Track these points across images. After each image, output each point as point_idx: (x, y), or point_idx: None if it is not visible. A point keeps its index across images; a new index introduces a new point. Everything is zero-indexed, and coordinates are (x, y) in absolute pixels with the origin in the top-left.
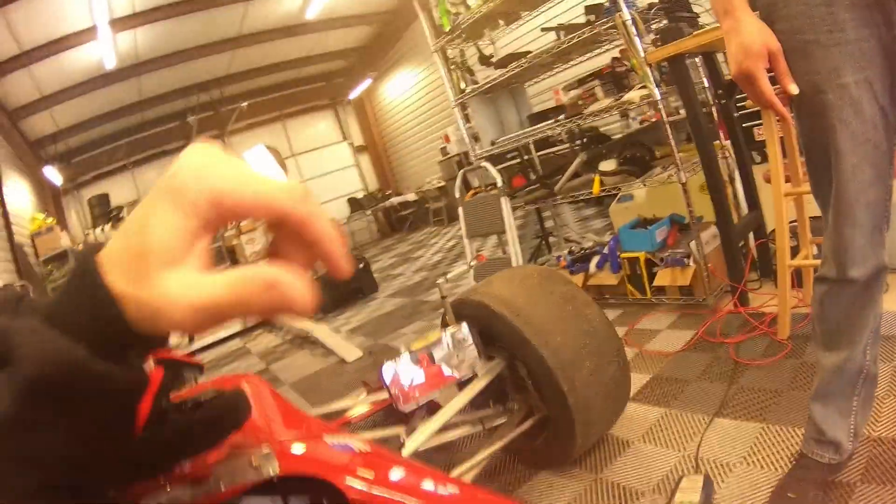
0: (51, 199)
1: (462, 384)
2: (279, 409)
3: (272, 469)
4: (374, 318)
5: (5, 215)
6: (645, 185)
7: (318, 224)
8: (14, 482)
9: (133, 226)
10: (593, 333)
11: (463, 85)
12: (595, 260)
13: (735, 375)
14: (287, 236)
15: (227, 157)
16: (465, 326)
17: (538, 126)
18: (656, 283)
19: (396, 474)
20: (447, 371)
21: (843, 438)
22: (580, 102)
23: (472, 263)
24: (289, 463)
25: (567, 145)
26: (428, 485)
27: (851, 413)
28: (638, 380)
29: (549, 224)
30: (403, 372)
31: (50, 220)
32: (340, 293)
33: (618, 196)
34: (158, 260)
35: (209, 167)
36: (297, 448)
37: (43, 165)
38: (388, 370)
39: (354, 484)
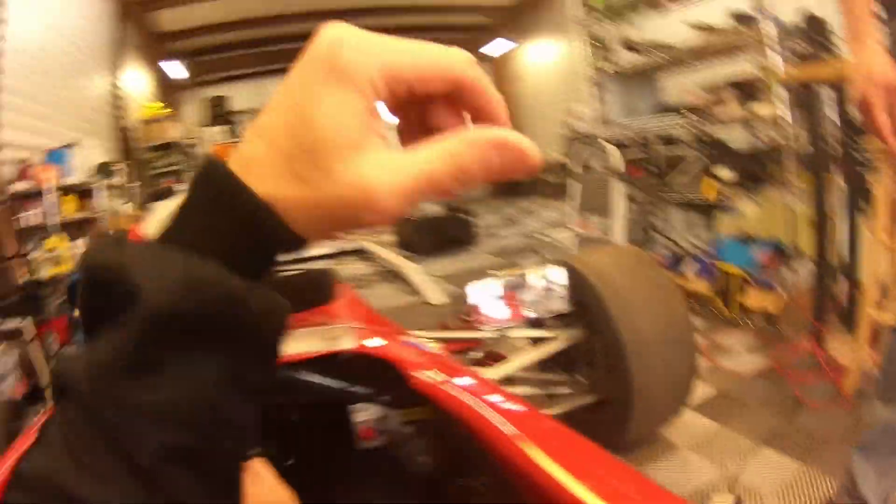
0: (167, 92)
1: (535, 342)
2: (362, 308)
3: (349, 342)
4: (467, 271)
5: (120, 97)
6: (756, 202)
7: (493, 91)
8: (145, 439)
9: (287, 120)
10: (675, 328)
11: (601, 64)
12: (693, 265)
13: (793, 412)
14: (444, 112)
15: (369, 32)
16: (559, 271)
17: (666, 119)
18: (745, 302)
19: (466, 380)
20: (528, 310)
21: (871, 498)
22: (709, 106)
23: (578, 231)
24: (365, 345)
25: (686, 147)
26: (494, 397)
27: (888, 475)
28: (703, 391)
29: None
30: (487, 294)
31: (163, 110)
32: (439, 239)
33: (725, 207)
34: (340, 148)
35: (370, 40)
36: (375, 337)
37: (166, 58)
38: (475, 290)
39: (423, 376)
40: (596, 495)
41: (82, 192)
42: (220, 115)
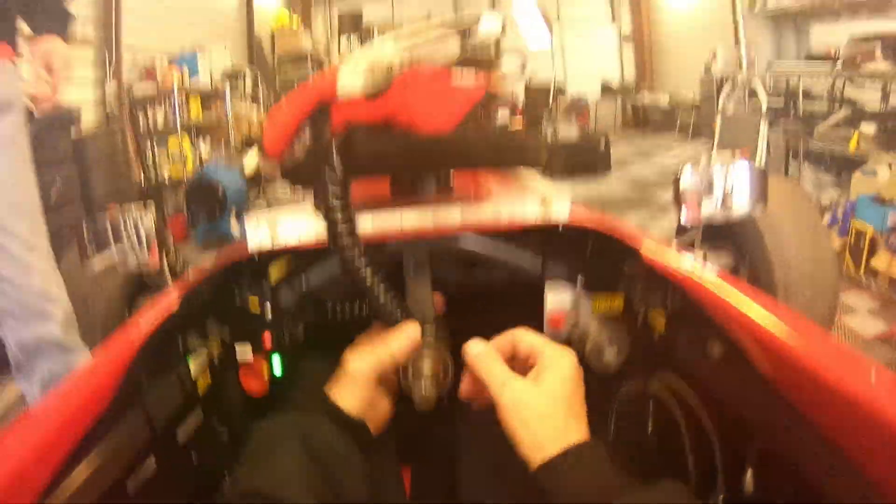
0: (300, 2)
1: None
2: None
3: (562, 213)
4: (599, 196)
5: (249, 4)
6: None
7: None
8: None
9: None
10: (821, 266)
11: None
12: (827, 217)
13: None
14: None
15: None
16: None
17: (813, 68)
18: (873, 262)
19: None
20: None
21: None
22: (858, 59)
23: (737, 153)
24: (581, 216)
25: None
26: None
27: None
28: None
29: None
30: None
31: (295, 18)
32: (573, 162)
33: (862, 167)
34: None
35: None
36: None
37: None
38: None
39: (656, 254)
40: None
41: (207, 96)
42: (354, 27)
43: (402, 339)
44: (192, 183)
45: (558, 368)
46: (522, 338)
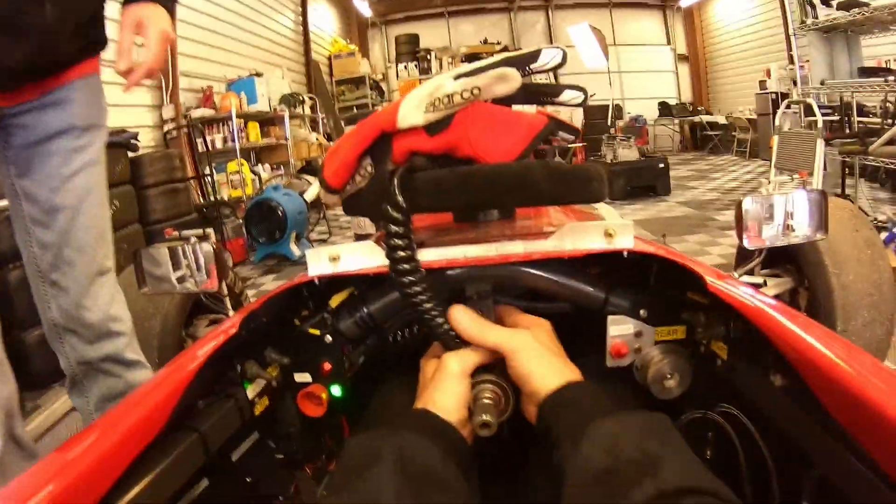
0: (356, 29)
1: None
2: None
3: (627, 241)
4: (660, 219)
5: (305, 33)
6: None
7: None
8: None
9: None
10: (879, 288)
11: (802, 17)
12: (883, 235)
13: None
14: None
15: None
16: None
17: (867, 83)
18: None
19: (745, 289)
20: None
21: None
22: None
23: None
24: (645, 245)
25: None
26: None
27: None
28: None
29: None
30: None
31: (352, 46)
32: (634, 185)
33: None
34: None
35: None
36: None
37: None
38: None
39: (714, 278)
40: None
41: (266, 121)
42: (410, 52)
43: (482, 350)
44: (253, 205)
45: (542, 328)
46: (508, 312)
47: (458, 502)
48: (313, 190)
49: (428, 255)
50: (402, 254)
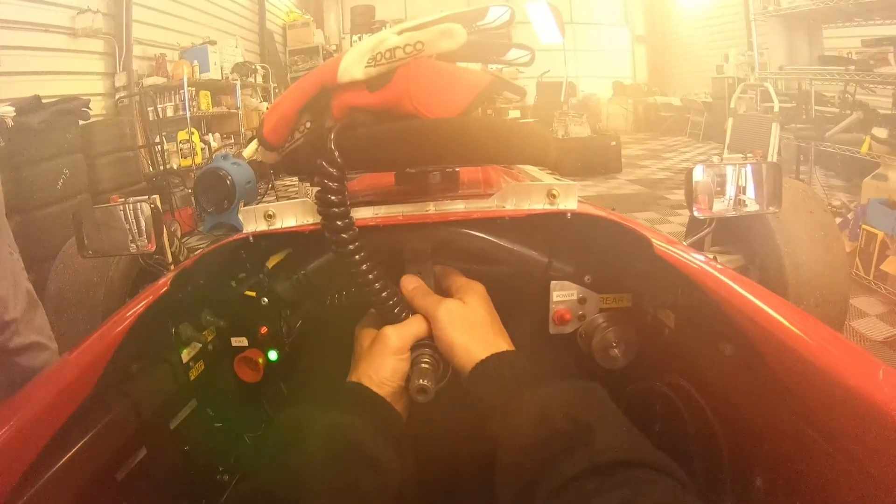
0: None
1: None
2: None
3: (571, 203)
4: (610, 195)
5: (261, 1)
6: None
7: None
8: None
9: None
10: (833, 269)
11: (766, 6)
12: (838, 220)
13: None
14: None
15: None
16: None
17: (826, 71)
18: (883, 267)
19: (696, 255)
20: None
21: None
22: (871, 62)
23: (748, 156)
24: (589, 206)
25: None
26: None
27: None
28: None
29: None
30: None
31: (307, 16)
32: (585, 163)
33: (873, 172)
34: None
35: None
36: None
37: None
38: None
39: (667, 248)
40: None
41: (218, 90)
42: (365, 23)
43: (423, 323)
44: (201, 174)
45: (476, 292)
46: (446, 273)
47: (390, 479)
48: (251, 147)
49: (363, 213)
50: (335, 210)
